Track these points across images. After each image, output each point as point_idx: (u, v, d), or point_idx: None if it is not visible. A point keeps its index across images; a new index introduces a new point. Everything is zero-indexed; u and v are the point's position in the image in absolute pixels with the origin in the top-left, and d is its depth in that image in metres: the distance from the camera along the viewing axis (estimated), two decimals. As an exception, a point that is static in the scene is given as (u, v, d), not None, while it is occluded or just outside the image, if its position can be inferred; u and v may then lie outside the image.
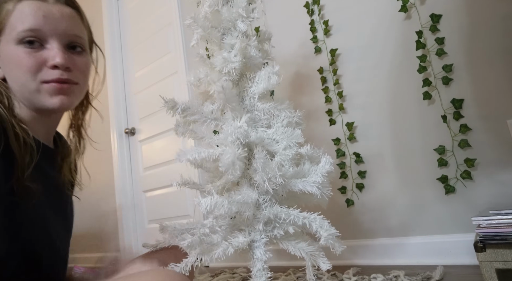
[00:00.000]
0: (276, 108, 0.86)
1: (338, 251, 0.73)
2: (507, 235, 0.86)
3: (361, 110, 1.50)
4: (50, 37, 0.59)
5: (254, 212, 0.79)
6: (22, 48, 0.58)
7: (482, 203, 1.20)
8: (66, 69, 0.60)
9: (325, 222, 0.74)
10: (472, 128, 1.23)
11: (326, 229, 0.73)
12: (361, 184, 1.47)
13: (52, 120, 0.68)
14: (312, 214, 0.76)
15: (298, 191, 0.79)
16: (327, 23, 1.59)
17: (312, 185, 0.76)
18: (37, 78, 0.59)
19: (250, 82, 0.90)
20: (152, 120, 2.46)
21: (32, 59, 0.58)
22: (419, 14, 1.34)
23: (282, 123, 0.85)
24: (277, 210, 0.78)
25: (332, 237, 0.72)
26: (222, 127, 0.86)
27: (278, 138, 0.81)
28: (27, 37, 0.58)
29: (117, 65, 2.70)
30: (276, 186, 0.77)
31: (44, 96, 0.59)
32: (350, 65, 1.53)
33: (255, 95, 0.87)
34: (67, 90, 0.61)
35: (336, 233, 0.73)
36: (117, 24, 2.78)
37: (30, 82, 0.59)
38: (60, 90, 0.60)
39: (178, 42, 2.26)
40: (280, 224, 0.79)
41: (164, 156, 2.34)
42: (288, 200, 0.85)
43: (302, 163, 0.82)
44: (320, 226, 0.73)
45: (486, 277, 0.87)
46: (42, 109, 0.61)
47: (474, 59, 1.23)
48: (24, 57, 0.58)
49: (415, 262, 1.31)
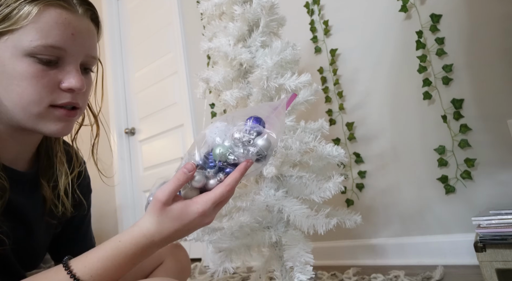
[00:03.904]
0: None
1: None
2: (507, 235, 0.85)
3: (361, 110, 1.50)
4: (70, 57, 0.51)
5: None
6: (34, 63, 0.48)
7: (482, 203, 1.20)
8: (79, 91, 0.53)
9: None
10: (472, 128, 1.23)
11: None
12: (361, 184, 1.47)
13: (34, 138, 0.59)
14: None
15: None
16: (327, 23, 1.59)
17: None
18: (45, 100, 0.50)
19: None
20: (152, 120, 2.46)
21: (46, 78, 0.49)
22: (419, 14, 1.34)
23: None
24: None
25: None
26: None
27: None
28: (45, 54, 0.48)
29: (117, 65, 2.70)
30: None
31: (46, 121, 0.52)
32: (350, 65, 1.53)
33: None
34: (73, 118, 0.55)
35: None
36: (117, 24, 2.79)
37: (36, 104, 0.49)
38: (67, 118, 0.53)
39: (178, 42, 2.26)
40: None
41: (164, 156, 2.34)
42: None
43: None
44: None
45: (486, 277, 0.87)
46: (33, 130, 0.53)
47: (474, 59, 1.23)
48: (37, 74, 0.48)
49: (415, 262, 1.30)
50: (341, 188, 0.87)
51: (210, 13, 1.04)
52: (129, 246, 0.46)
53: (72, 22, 0.50)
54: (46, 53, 0.48)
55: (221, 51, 0.95)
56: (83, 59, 0.54)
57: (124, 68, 2.72)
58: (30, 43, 0.48)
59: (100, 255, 0.45)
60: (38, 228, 0.61)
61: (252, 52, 0.98)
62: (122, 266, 0.46)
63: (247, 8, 0.96)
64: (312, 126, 0.96)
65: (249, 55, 0.94)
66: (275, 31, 1.05)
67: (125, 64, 2.72)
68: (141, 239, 0.46)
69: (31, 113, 0.50)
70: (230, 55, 0.93)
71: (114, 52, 2.71)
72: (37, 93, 0.49)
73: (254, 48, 0.98)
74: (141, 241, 0.46)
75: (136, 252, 0.46)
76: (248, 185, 1.01)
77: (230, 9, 1.00)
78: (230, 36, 0.97)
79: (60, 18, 0.49)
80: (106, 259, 0.45)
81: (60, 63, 0.51)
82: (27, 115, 0.50)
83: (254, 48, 0.98)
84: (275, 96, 0.94)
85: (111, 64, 2.67)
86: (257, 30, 0.98)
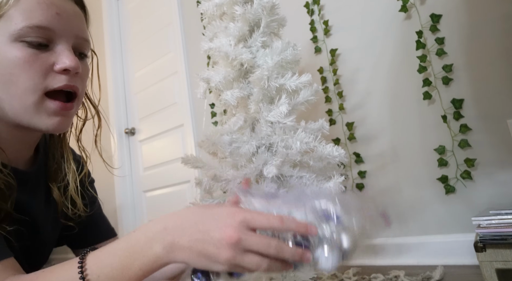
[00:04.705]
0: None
1: None
2: (507, 235, 0.85)
3: (361, 110, 1.50)
4: (59, 38, 0.50)
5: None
6: (23, 47, 0.47)
7: (482, 203, 1.20)
8: (75, 74, 0.52)
9: None
10: (472, 128, 1.23)
11: None
12: (361, 184, 1.47)
13: (33, 136, 0.58)
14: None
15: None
16: (327, 23, 1.59)
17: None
18: (40, 86, 0.49)
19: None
20: (152, 120, 2.46)
21: (39, 62, 0.48)
22: (419, 14, 1.34)
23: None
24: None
25: None
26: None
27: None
28: (33, 35, 0.47)
29: (117, 65, 2.70)
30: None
31: (41, 115, 0.50)
32: (350, 65, 1.53)
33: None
34: (70, 112, 0.53)
35: None
36: (117, 24, 2.78)
37: (31, 92, 0.48)
38: (62, 112, 0.51)
39: (178, 42, 2.26)
40: None
41: (164, 156, 2.34)
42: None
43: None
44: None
45: (486, 277, 0.87)
46: (28, 127, 0.51)
47: (474, 59, 1.23)
48: (28, 59, 0.47)
49: (415, 262, 1.31)
50: (341, 188, 0.88)
51: (211, 13, 1.04)
52: (139, 234, 0.43)
53: (54, 1, 0.50)
54: (33, 35, 0.48)
55: (221, 51, 0.95)
56: (74, 41, 0.53)
57: (124, 68, 2.72)
58: (15, 26, 0.47)
59: (112, 247, 0.44)
60: (43, 227, 0.61)
61: (253, 52, 0.98)
62: (131, 255, 0.43)
63: (248, 9, 0.96)
64: (312, 126, 0.97)
65: (250, 55, 0.95)
66: (276, 31, 1.05)
67: (125, 64, 2.72)
68: (152, 225, 0.43)
69: (27, 103, 0.49)
70: (230, 55, 0.93)
71: (114, 52, 2.71)
72: (31, 78, 0.48)
73: (255, 48, 0.98)
74: (151, 228, 0.43)
75: (147, 237, 0.43)
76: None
77: (231, 9, 1.00)
78: (230, 36, 0.97)
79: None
80: (116, 249, 0.43)
81: (51, 46, 0.50)
82: (23, 107, 0.49)
83: (255, 48, 0.98)
84: (275, 96, 0.94)
85: (111, 64, 2.67)
86: (257, 30, 0.99)
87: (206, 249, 0.39)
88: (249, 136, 0.98)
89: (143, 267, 0.42)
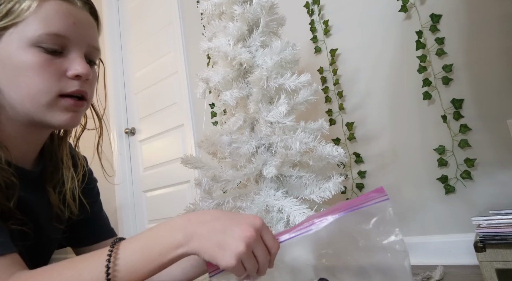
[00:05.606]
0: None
1: None
2: (507, 235, 0.85)
3: (361, 110, 1.50)
4: (73, 46, 0.53)
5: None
6: (39, 52, 0.50)
7: (482, 203, 1.20)
8: (85, 81, 0.55)
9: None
10: (472, 128, 1.23)
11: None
12: (361, 184, 1.47)
13: (41, 136, 0.60)
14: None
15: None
16: (327, 23, 1.59)
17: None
18: (54, 89, 0.51)
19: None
20: (152, 120, 2.46)
21: (53, 67, 0.51)
22: (419, 14, 1.34)
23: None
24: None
25: None
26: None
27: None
28: (49, 42, 0.50)
29: (117, 65, 2.70)
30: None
31: (55, 111, 0.52)
32: (350, 65, 1.53)
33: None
34: (81, 108, 0.56)
35: None
36: (117, 24, 2.78)
37: (44, 94, 0.51)
38: (74, 108, 0.54)
39: (178, 42, 2.26)
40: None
41: (164, 156, 2.34)
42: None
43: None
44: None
45: (486, 277, 0.87)
46: (42, 124, 0.54)
47: (474, 59, 1.23)
48: (43, 63, 0.50)
49: (415, 262, 1.30)
50: (341, 188, 0.88)
51: (210, 13, 1.04)
52: (163, 225, 0.46)
53: (72, 12, 0.53)
54: (50, 42, 0.50)
55: (221, 51, 0.95)
56: (86, 49, 0.56)
57: (124, 68, 2.72)
58: (34, 33, 0.49)
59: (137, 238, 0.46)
60: (46, 226, 0.62)
61: (252, 52, 0.98)
62: (157, 244, 0.45)
63: (247, 8, 0.96)
64: (312, 126, 0.97)
65: (249, 55, 0.94)
66: (275, 31, 1.05)
67: (125, 64, 2.72)
68: (176, 218, 0.46)
69: (40, 103, 0.51)
70: (230, 55, 0.93)
71: (114, 52, 2.71)
72: (45, 82, 0.51)
73: (254, 48, 0.98)
74: (176, 220, 0.46)
75: (170, 226, 0.45)
76: (248, 185, 1.01)
77: (230, 9, 1.00)
78: (230, 36, 0.97)
79: (61, 8, 0.52)
80: (140, 235, 0.46)
81: (64, 52, 0.53)
82: (35, 106, 0.51)
83: (254, 48, 0.98)
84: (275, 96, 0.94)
85: (111, 64, 2.67)
86: (257, 30, 0.98)
87: (225, 240, 0.42)
88: (248, 136, 0.98)
89: (163, 252, 0.44)
